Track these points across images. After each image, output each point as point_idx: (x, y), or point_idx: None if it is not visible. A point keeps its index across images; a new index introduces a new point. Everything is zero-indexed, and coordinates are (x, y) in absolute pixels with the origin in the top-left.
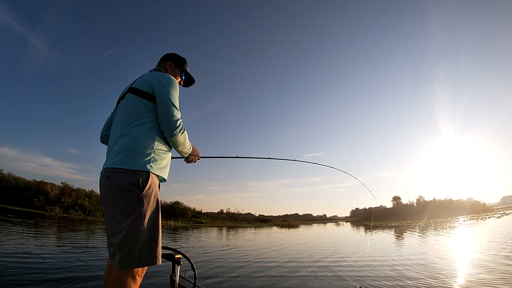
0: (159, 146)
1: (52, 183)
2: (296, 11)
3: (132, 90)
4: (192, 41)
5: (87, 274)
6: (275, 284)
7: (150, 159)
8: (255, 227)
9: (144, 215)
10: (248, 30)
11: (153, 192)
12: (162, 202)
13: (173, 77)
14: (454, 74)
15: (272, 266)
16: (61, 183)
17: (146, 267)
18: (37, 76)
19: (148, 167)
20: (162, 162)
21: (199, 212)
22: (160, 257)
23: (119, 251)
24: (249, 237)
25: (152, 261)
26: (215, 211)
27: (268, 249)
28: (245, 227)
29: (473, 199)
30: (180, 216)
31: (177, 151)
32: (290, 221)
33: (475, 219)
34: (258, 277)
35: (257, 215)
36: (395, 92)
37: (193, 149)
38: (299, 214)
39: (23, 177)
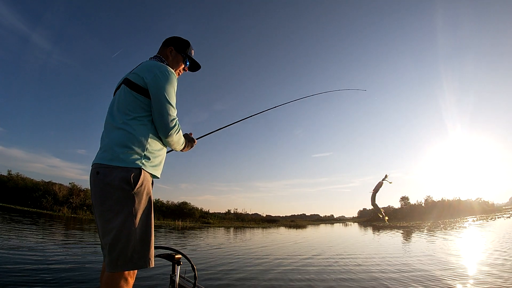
0: (152, 143)
1: (60, 184)
2: (302, 10)
3: (126, 81)
4: (198, 40)
5: (88, 275)
6: (276, 283)
7: (143, 156)
8: (263, 228)
9: (136, 214)
10: (254, 30)
11: (145, 189)
12: (169, 202)
13: (170, 69)
14: (462, 73)
15: (275, 266)
16: (69, 183)
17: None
18: (45, 77)
19: (140, 164)
20: (156, 160)
21: (207, 213)
22: (153, 259)
23: (110, 252)
24: (256, 237)
25: (144, 263)
26: (222, 211)
27: (273, 250)
28: (253, 227)
29: (482, 199)
30: (187, 217)
31: (171, 148)
32: (297, 222)
33: (484, 219)
34: (259, 277)
35: (264, 215)
36: (401, 91)
37: (185, 138)
38: (306, 214)
39: (32, 178)
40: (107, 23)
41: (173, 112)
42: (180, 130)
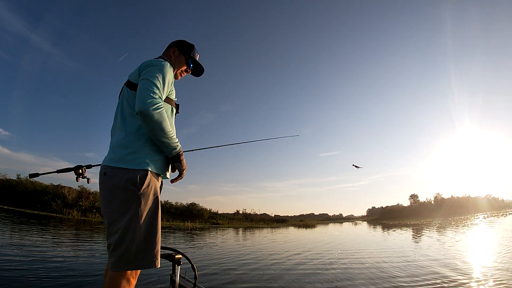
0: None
1: (70, 187)
2: (307, 8)
3: (126, 82)
4: (203, 40)
5: (92, 274)
6: (276, 284)
7: (147, 156)
8: (272, 228)
9: (141, 215)
10: (262, 31)
11: (152, 190)
12: (178, 204)
13: (163, 61)
14: (471, 67)
15: (277, 266)
16: (78, 186)
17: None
18: (46, 80)
19: (145, 165)
20: (162, 159)
21: (216, 213)
22: (159, 260)
23: (114, 252)
24: (263, 237)
25: (149, 263)
26: (231, 211)
27: (278, 249)
28: (262, 227)
29: (491, 196)
30: (197, 217)
31: (159, 141)
32: (306, 221)
33: (495, 216)
34: (261, 277)
35: (273, 215)
36: (407, 87)
37: (183, 160)
38: (315, 214)
39: (41, 182)
40: (108, 23)
41: (154, 89)
42: (164, 113)
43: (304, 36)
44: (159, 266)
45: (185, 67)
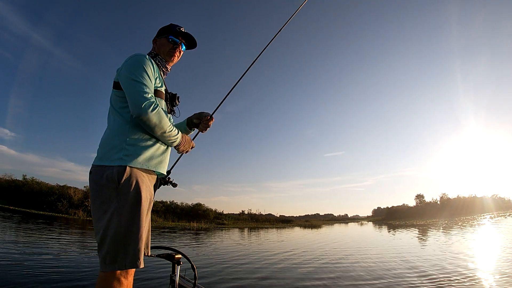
0: (135, 135)
1: (75, 187)
2: (312, 11)
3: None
4: (205, 40)
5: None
6: (278, 284)
7: (124, 150)
8: (277, 228)
9: (121, 212)
10: (265, 32)
11: (132, 186)
12: (184, 204)
13: (138, 55)
14: (477, 66)
15: (278, 266)
16: (84, 187)
17: (133, 269)
18: (49, 80)
19: (121, 161)
20: (144, 153)
21: (221, 214)
22: (142, 260)
23: (99, 251)
24: (268, 237)
25: (130, 263)
26: (236, 212)
27: (280, 249)
28: (267, 227)
29: (498, 196)
30: (202, 218)
31: (159, 137)
32: (312, 221)
33: (502, 216)
34: (261, 277)
35: (278, 215)
36: (412, 86)
37: (186, 139)
38: (320, 214)
39: (46, 182)
40: (111, 23)
41: (144, 88)
42: (160, 111)
43: (308, 36)
44: (142, 266)
45: (171, 45)
